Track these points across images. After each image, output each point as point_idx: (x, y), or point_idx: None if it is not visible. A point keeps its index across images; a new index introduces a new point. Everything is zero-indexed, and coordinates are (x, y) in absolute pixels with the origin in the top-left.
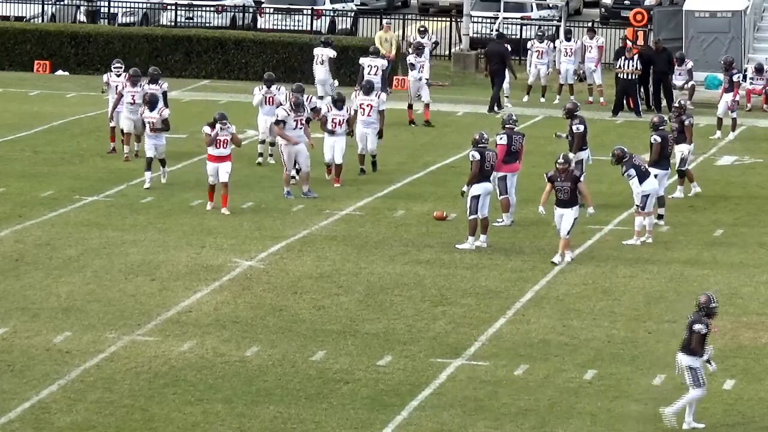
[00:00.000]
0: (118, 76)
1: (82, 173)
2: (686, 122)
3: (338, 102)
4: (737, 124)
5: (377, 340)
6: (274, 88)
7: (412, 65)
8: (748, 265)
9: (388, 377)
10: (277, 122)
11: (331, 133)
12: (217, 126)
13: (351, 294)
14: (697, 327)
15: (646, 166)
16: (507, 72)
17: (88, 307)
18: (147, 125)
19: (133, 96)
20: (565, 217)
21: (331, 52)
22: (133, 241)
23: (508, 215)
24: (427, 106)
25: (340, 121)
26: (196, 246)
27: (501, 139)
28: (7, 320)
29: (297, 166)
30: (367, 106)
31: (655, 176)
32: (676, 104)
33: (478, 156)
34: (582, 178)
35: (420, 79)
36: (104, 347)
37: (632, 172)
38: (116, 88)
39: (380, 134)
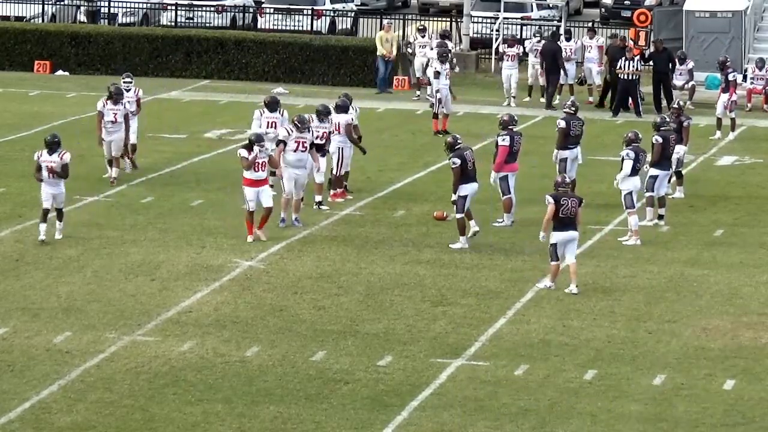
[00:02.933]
0: (127, 90)
1: (82, 173)
2: (684, 123)
3: (323, 115)
4: (737, 124)
5: (377, 340)
6: (277, 111)
7: (438, 73)
8: (748, 265)
9: (388, 377)
10: (278, 143)
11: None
12: (255, 149)
13: (351, 294)
14: None
15: (644, 167)
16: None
17: (88, 307)
18: (44, 169)
19: (115, 114)
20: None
21: None
22: (133, 241)
23: (509, 215)
24: (446, 116)
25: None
26: (196, 246)
27: (503, 140)
28: (7, 320)
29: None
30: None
31: (656, 177)
32: (675, 105)
33: (458, 161)
34: (546, 200)
35: (438, 90)
36: (104, 347)
37: (631, 154)
38: (125, 105)
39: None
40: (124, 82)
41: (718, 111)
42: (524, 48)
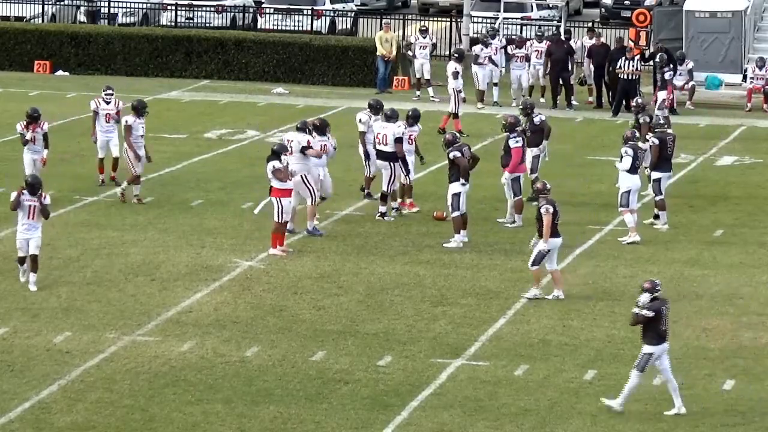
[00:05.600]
0: (108, 103)
1: (82, 173)
2: (641, 120)
3: (413, 119)
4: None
5: (377, 340)
6: (328, 134)
7: (457, 73)
8: (748, 265)
9: (388, 377)
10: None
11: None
12: (284, 158)
13: (351, 294)
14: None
15: (643, 167)
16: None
17: (88, 307)
18: (29, 208)
19: (143, 127)
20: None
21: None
22: (133, 241)
23: (519, 216)
24: (449, 115)
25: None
26: (196, 246)
27: (517, 141)
28: (7, 320)
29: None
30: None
31: (659, 179)
32: (634, 103)
33: (459, 154)
34: (543, 210)
35: (459, 90)
36: (104, 347)
37: (630, 152)
38: (106, 116)
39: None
40: (105, 94)
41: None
42: (527, 52)
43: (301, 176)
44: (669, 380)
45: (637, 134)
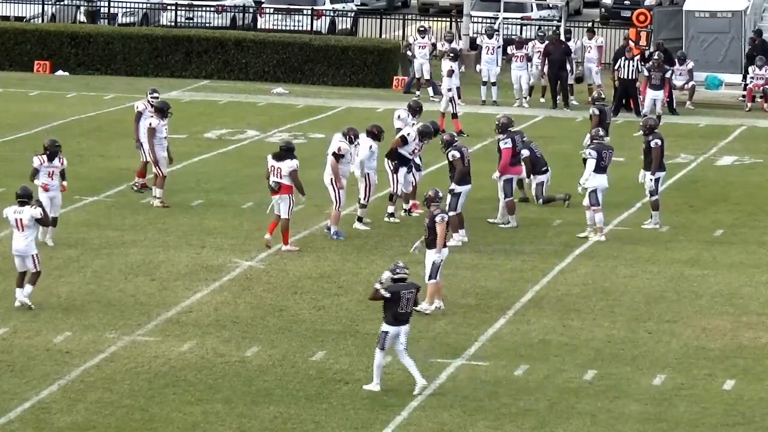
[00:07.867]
0: (153, 106)
1: (82, 173)
2: (590, 111)
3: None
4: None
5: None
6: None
7: (451, 71)
8: (748, 265)
9: (388, 377)
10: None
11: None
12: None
13: (351, 294)
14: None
15: (605, 164)
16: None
17: (88, 307)
18: (37, 218)
19: (166, 129)
20: (426, 259)
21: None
22: (133, 241)
23: (513, 217)
24: (443, 115)
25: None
26: (196, 246)
27: (506, 143)
28: (7, 320)
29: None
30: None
31: (659, 179)
32: (595, 94)
33: (458, 154)
34: (438, 219)
35: (449, 89)
36: (104, 347)
37: (594, 154)
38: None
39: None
40: (151, 97)
41: (646, 108)
42: (528, 52)
43: (331, 179)
44: (403, 361)
45: (601, 133)
